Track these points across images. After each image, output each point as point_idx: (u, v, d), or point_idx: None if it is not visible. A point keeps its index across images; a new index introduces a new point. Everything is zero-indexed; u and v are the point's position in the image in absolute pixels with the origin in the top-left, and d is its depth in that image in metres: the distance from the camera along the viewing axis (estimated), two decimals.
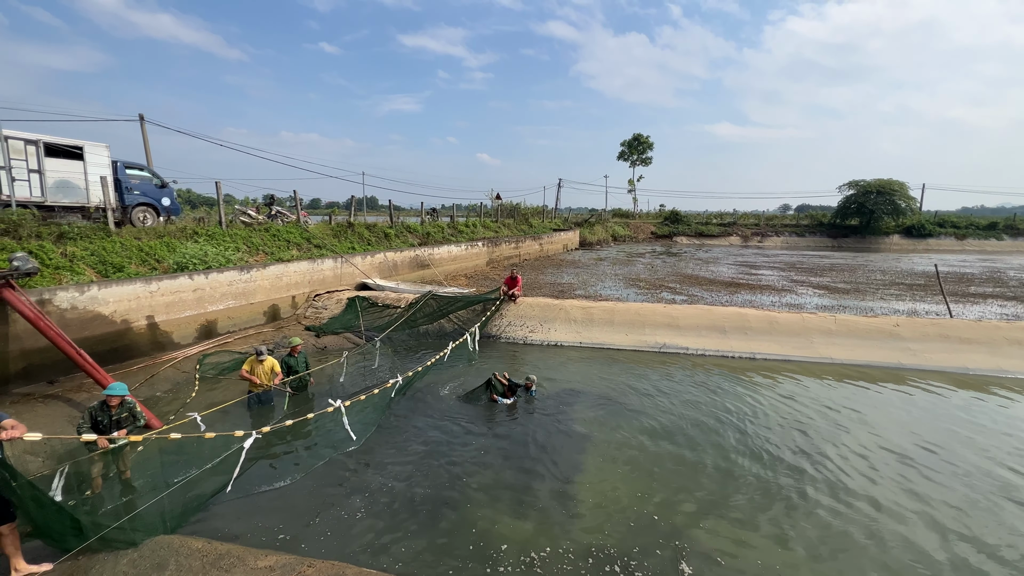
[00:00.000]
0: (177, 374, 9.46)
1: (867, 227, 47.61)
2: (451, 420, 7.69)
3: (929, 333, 11.09)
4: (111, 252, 10.39)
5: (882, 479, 6.13)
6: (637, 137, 63.24)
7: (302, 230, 16.00)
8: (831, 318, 11.79)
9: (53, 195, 11.52)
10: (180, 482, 4.72)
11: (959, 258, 36.54)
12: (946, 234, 47.36)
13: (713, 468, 6.34)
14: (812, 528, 5.17)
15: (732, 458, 6.59)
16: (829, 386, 9.33)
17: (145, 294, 9.97)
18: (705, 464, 6.44)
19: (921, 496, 5.77)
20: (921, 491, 5.87)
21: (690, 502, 5.60)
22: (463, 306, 13.03)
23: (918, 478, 6.16)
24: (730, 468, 6.34)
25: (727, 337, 11.50)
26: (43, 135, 11.29)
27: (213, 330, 11.40)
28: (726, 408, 8.19)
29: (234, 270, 11.97)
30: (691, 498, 5.67)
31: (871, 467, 6.41)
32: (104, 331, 9.23)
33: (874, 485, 5.99)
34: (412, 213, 31.10)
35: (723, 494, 5.76)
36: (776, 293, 19.07)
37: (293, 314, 13.58)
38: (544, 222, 40.92)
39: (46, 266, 9.11)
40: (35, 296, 8.17)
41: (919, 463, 6.52)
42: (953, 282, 22.34)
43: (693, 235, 51.78)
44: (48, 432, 6.93)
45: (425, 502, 5.53)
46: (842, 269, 28.20)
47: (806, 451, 6.80)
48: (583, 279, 22.51)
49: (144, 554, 4.14)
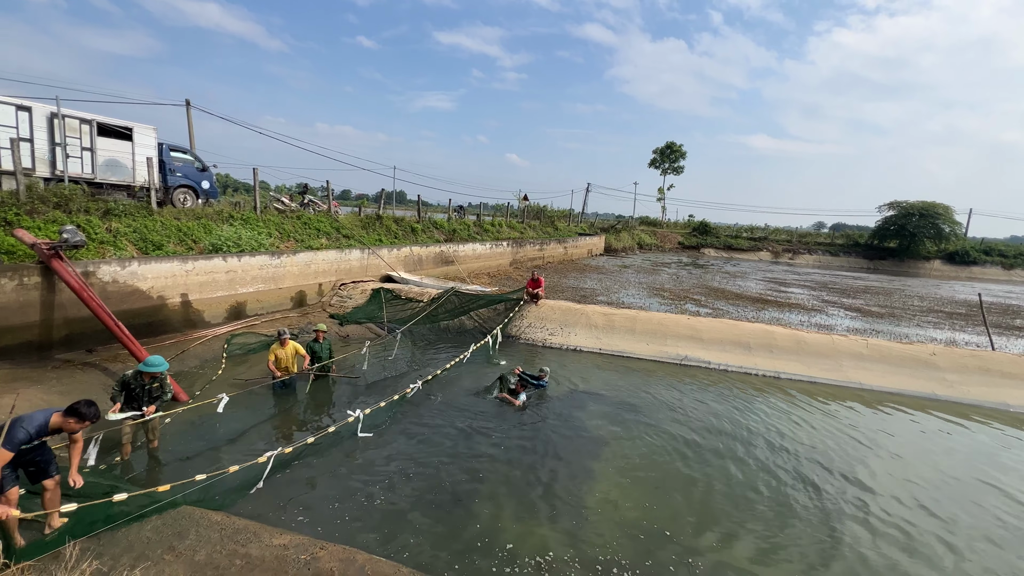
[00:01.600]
0: (206, 351, 9.78)
1: (906, 250, 45.75)
2: (467, 417, 7.72)
3: (968, 365, 10.58)
4: (152, 230, 10.81)
5: (903, 514, 5.87)
6: (670, 145, 62.36)
7: (332, 220, 16.34)
8: (863, 341, 11.37)
9: (102, 173, 12.06)
10: (208, 480, 4.84)
11: (1005, 288, 34.77)
12: (992, 262, 45.08)
13: (728, 487, 6.18)
14: (829, 556, 4.99)
15: (749, 478, 6.42)
16: (858, 412, 8.99)
17: (181, 272, 10.34)
18: (720, 483, 6.28)
19: (942, 533, 5.50)
20: (941, 528, 5.61)
21: (703, 520, 5.47)
22: (485, 304, 13.07)
23: (941, 515, 5.88)
24: (746, 489, 6.17)
25: (752, 354, 11.21)
26: (97, 115, 11.83)
27: (242, 312, 11.74)
28: (747, 427, 7.99)
29: (265, 255, 12.31)
30: (704, 517, 5.54)
31: (894, 501, 6.15)
32: (141, 305, 9.62)
33: (893, 519, 5.74)
34: (439, 209, 31.43)
35: (738, 515, 5.61)
36: (806, 312, 18.51)
37: (319, 301, 13.88)
38: (570, 226, 40.76)
39: (92, 240, 9.55)
40: (80, 268, 8.57)
41: (944, 501, 6.23)
42: (997, 313, 21.26)
43: (721, 248, 50.73)
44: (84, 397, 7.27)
45: (436, 496, 5.57)
46: (877, 292, 27.18)
47: (828, 478, 6.56)
48: (606, 285, 22.31)
49: (167, 522, 4.29)
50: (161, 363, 5.98)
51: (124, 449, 5.97)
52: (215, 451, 6.33)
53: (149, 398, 5.98)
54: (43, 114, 10.85)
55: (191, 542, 4.09)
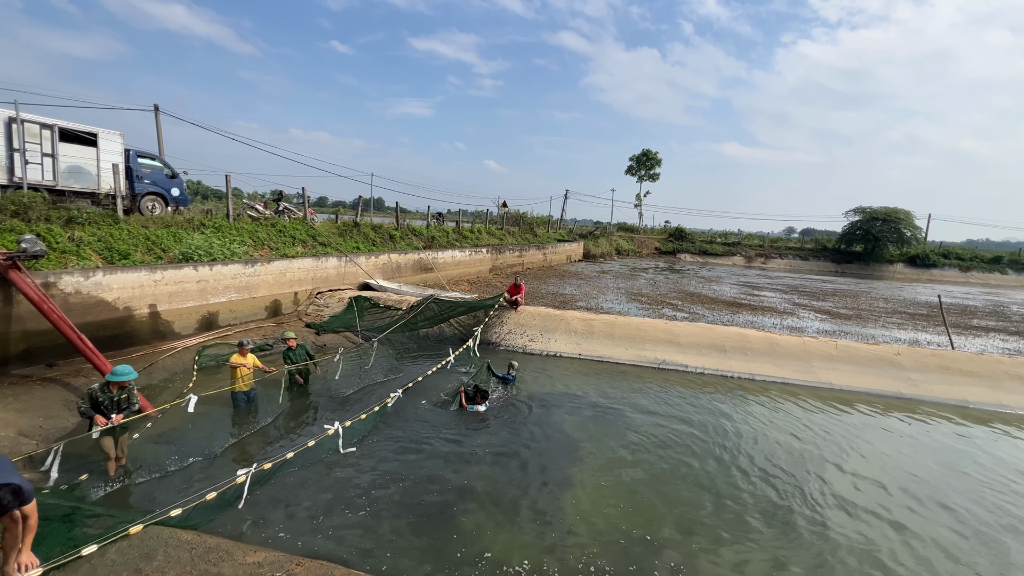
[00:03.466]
0: (176, 364, 9.46)
1: (871, 254, 47.66)
2: (447, 426, 7.64)
3: (930, 364, 11.04)
4: (118, 239, 10.44)
5: (874, 508, 6.06)
6: (646, 153, 63.55)
7: (308, 227, 16.07)
8: (832, 343, 11.75)
9: (65, 180, 11.60)
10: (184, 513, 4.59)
11: (962, 290, 36.46)
12: (950, 265, 47.27)
13: (707, 489, 6.28)
14: (807, 554, 5.11)
15: (728, 479, 6.53)
16: (828, 412, 9.26)
17: (149, 282, 10.00)
18: (700, 485, 6.38)
19: (907, 525, 5.71)
20: (908, 520, 5.81)
21: (683, 523, 5.54)
22: (465, 311, 13.03)
23: (911, 508, 6.10)
24: (725, 489, 6.28)
25: (727, 357, 11.46)
26: (59, 120, 11.40)
27: (214, 322, 11.42)
28: (724, 429, 8.14)
29: (239, 263, 12.01)
30: (684, 519, 5.61)
31: (864, 496, 6.35)
32: (106, 317, 9.26)
33: (866, 513, 5.93)
34: (418, 216, 31.23)
35: (717, 515, 5.70)
36: (778, 315, 19.03)
37: (295, 310, 13.60)
38: (549, 232, 41.04)
39: (53, 249, 9.16)
40: (40, 279, 8.21)
41: (912, 495, 6.46)
42: (956, 314, 22.27)
43: (697, 253, 51.84)
44: (44, 414, 6.96)
45: (417, 508, 5.49)
46: (844, 295, 28.16)
47: (805, 478, 6.73)
48: (585, 291, 22.51)
49: (133, 544, 4.11)
50: (129, 372, 5.79)
51: (109, 465, 5.78)
52: (187, 469, 6.09)
53: (117, 410, 5.77)
54: (0, 119, 10.40)
55: (159, 563, 3.93)
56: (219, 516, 4.97)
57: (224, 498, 4.98)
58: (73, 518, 4.39)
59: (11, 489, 3.18)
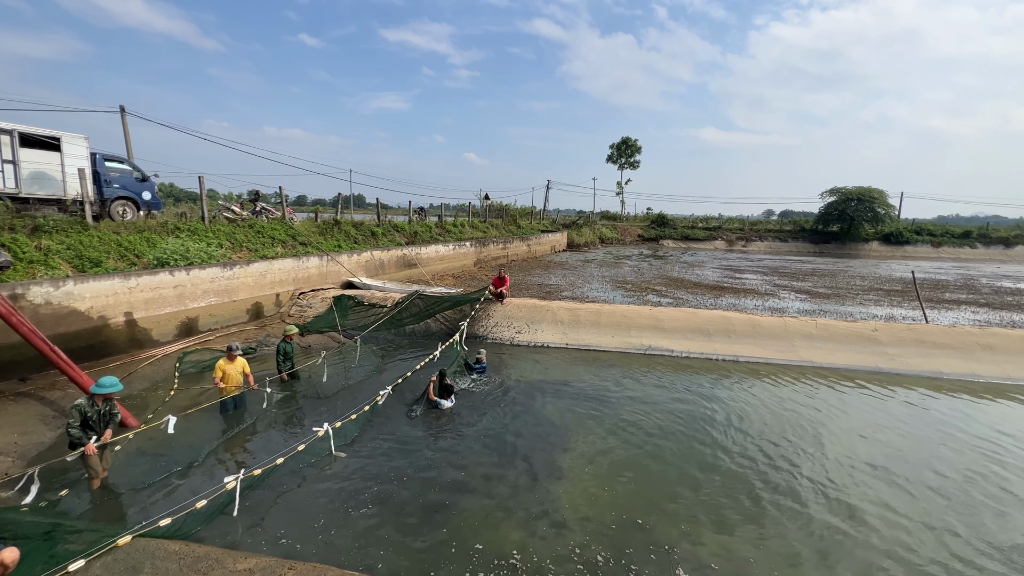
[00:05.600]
0: (156, 372, 9.24)
1: (847, 233, 48.78)
2: (436, 422, 7.64)
3: (906, 338, 11.37)
4: (88, 246, 10.12)
5: (860, 482, 6.26)
6: (625, 140, 63.73)
7: (287, 227, 15.78)
8: (812, 322, 12.01)
9: (28, 187, 11.16)
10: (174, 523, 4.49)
11: (935, 265, 37.56)
12: (923, 241, 48.65)
13: (698, 471, 6.39)
14: (798, 532, 5.25)
15: (717, 461, 6.66)
16: (810, 389, 9.49)
17: (123, 290, 9.72)
18: (690, 467, 6.49)
19: (893, 495, 5.91)
20: (894, 492, 6.02)
21: (675, 506, 5.63)
22: (450, 306, 12.96)
23: (896, 479, 6.31)
24: (714, 471, 6.41)
25: (712, 340, 11.64)
26: (18, 125, 10.94)
27: (194, 327, 11.17)
28: (711, 411, 8.29)
29: (217, 266, 11.75)
30: (676, 502, 5.70)
31: (851, 470, 6.54)
32: (80, 327, 8.98)
33: (852, 487, 6.11)
34: (400, 212, 30.90)
35: (709, 498, 5.81)
36: (759, 297, 19.36)
37: (277, 312, 13.38)
38: (532, 223, 40.98)
39: (19, 260, 8.84)
40: (7, 291, 7.91)
41: (896, 464, 6.68)
42: (929, 288, 22.94)
43: (679, 239, 52.36)
44: (19, 430, 6.75)
45: (409, 506, 5.49)
46: (823, 274, 28.77)
47: (790, 454, 6.91)
48: (570, 281, 22.59)
49: (118, 557, 4.02)
50: (115, 384, 5.69)
51: (93, 483, 5.65)
52: (169, 478, 5.96)
53: (104, 423, 5.67)
54: None
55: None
56: (208, 525, 4.90)
57: (214, 506, 4.90)
58: (54, 535, 4.27)
59: None
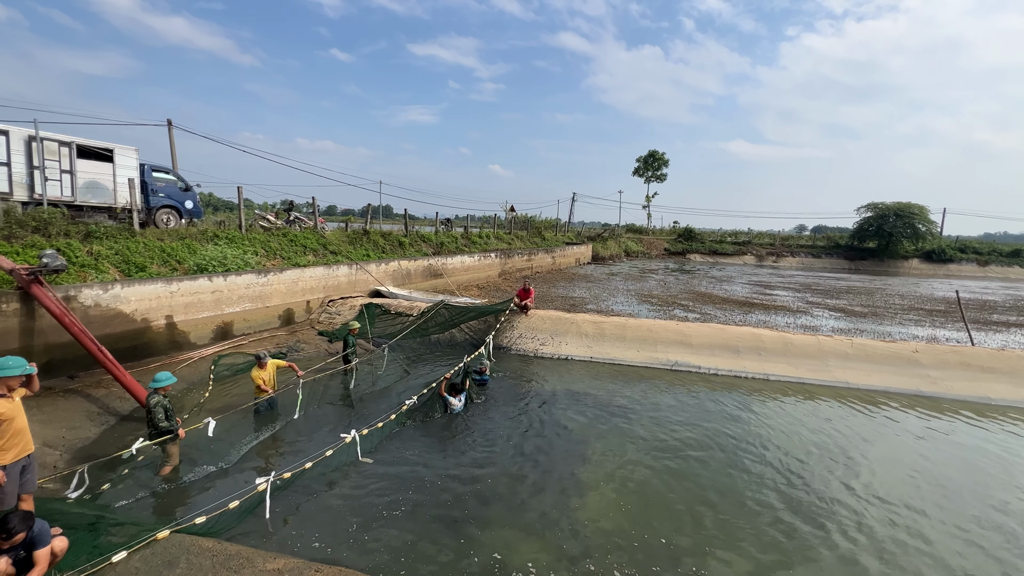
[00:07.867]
0: (193, 373, 9.59)
1: (885, 250, 46.93)
2: (463, 430, 7.67)
3: (950, 361, 10.83)
4: (134, 252, 10.65)
5: (896, 511, 5.96)
6: (652, 153, 63.38)
7: (319, 236, 16.25)
8: (847, 341, 11.58)
9: (82, 195, 11.89)
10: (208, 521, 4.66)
11: (981, 284, 35.73)
12: (967, 259, 46.43)
13: (723, 494, 6.20)
14: (827, 561, 5.04)
15: (743, 484, 6.45)
16: (846, 411, 9.13)
17: (165, 294, 10.18)
18: (715, 489, 6.30)
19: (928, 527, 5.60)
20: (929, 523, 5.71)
21: (700, 529, 5.48)
22: (475, 316, 13.06)
23: (933, 510, 5.99)
24: (740, 494, 6.20)
25: (740, 357, 11.35)
26: (76, 137, 11.70)
27: (229, 332, 11.57)
28: (738, 431, 8.05)
29: (252, 273, 12.18)
30: (700, 525, 5.54)
31: (886, 499, 6.24)
32: (124, 329, 9.43)
33: (888, 515, 5.83)
34: (426, 223, 31.41)
35: (733, 522, 5.63)
36: (791, 314, 18.81)
37: (307, 318, 13.73)
38: (557, 235, 41.01)
39: (72, 264, 9.37)
40: (61, 292, 8.39)
41: (933, 496, 6.34)
42: (975, 309, 21.83)
43: (707, 253, 51.46)
44: (67, 425, 7.11)
45: (429, 514, 5.51)
46: (859, 292, 27.74)
47: (822, 477, 6.64)
48: (595, 293, 22.44)
49: (156, 551, 4.17)
50: (170, 377, 6.32)
51: (166, 469, 6.21)
52: (206, 478, 6.19)
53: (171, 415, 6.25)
54: (20, 137, 10.70)
55: (182, 570, 3.99)
56: (240, 524, 5.04)
57: (245, 506, 5.04)
58: (98, 527, 4.47)
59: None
